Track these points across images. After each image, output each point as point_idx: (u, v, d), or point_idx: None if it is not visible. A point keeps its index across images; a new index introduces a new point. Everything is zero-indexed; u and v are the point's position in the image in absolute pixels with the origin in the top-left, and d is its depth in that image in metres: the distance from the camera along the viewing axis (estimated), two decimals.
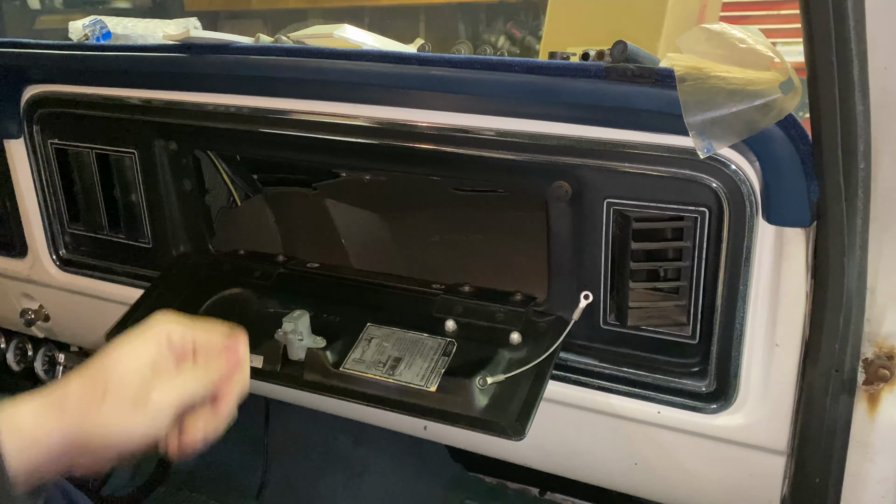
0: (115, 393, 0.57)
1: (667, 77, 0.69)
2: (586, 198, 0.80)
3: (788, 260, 0.73)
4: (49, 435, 0.56)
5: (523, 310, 0.88)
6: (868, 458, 0.73)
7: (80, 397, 0.58)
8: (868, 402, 0.72)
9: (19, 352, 1.43)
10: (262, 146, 0.98)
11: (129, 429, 0.58)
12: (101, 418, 0.57)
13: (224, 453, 1.67)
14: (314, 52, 0.86)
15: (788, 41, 2.48)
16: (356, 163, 1.05)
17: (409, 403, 0.82)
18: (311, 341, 0.87)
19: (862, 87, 0.61)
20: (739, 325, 0.77)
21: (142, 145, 1.04)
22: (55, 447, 0.56)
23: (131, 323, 0.97)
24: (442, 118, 0.83)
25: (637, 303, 0.82)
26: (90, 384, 0.58)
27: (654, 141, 0.75)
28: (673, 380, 0.82)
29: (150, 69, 0.97)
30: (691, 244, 0.78)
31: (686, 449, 0.84)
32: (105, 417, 0.57)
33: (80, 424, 0.57)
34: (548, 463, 0.97)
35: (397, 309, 0.93)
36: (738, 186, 0.72)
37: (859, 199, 0.65)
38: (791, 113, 0.67)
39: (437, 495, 1.50)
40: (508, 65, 0.76)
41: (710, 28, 0.76)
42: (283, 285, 1.00)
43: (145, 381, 0.59)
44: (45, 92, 1.08)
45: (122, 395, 0.57)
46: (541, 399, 0.78)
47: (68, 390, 0.58)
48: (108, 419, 0.57)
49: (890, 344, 0.71)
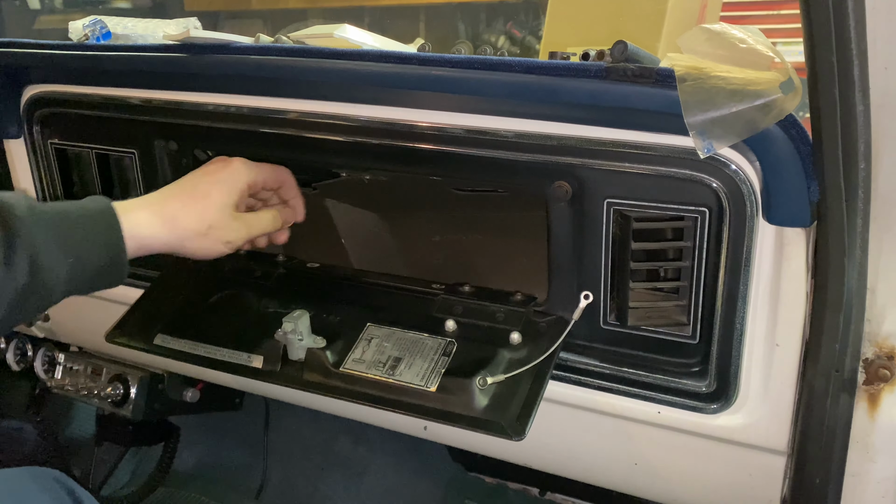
0: (207, 231, 0.81)
1: (667, 77, 0.69)
2: (586, 198, 0.80)
3: (788, 260, 0.73)
4: (155, 242, 0.79)
5: (523, 310, 0.88)
6: (868, 458, 0.73)
7: (182, 225, 0.80)
8: (868, 402, 0.72)
9: (19, 352, 1.43)
10: (262, 146, 0.98)
11: (215, 253, 0.83)
12: (195, 245, 0.81)
13: (224, 453, 1.68)
14: (314, 52, 0.86)
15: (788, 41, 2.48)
16: (356, 163, 1.05)
17: (409, 403, 0.82)
18: (311, 341, 0.87)
19: (862, 87, 0.61)
20: (740, 326, 0.77)
21: (142, 145, 1.04)
22: (156, 250, 0.79)
23: (131, 323, 0.97)
24: (442, 118, 0.83)
25: (637, 303, 0.82)
26: (190, 217, 0.80)
27: (654, 141, 0.75)
28: (673, 380, 0.82)
29: (150, 69, 0.97)
30: (691, 244, 0.78)
31: (686, 449, 0.84)
32: (198, 246, 0.81)
33: (180, 243, 0.80)
34: (548, 463, 0.97)
35: (397, 309, 0.93)
36: (739, 186, 0.72)
37: (859, 200, 0.65)
38: (791, 113, 0.67)
39: (437, 495, 1.50)
40: (508, 65, 0.76)
41: (710, 28, 0.76)
42: (283, 285, 1.00)
43: (229, 220, 0.83)
44: (45, 92, 1.08)
45: (212, 233, 0.81)
46: (541, 399, 0.78)
47: (175, 214, 0.80)
48: (200, 247, 0.81)
49: (890, 344, 0.71)
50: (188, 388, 1.37)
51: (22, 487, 0.82)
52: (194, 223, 0.80)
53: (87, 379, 1.35)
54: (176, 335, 0.93)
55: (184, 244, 0.80)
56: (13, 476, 0.83)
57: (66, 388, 1.36)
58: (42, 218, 0.71)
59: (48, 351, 1.40)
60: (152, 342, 0.94)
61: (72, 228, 0.73)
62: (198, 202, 0.81)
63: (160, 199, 0.81)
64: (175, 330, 0.94)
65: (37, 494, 0.81)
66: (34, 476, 0.84)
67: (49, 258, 0.70)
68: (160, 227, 0.79)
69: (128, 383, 1.31)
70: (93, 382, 1.34)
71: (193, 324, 0.95)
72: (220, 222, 0.82)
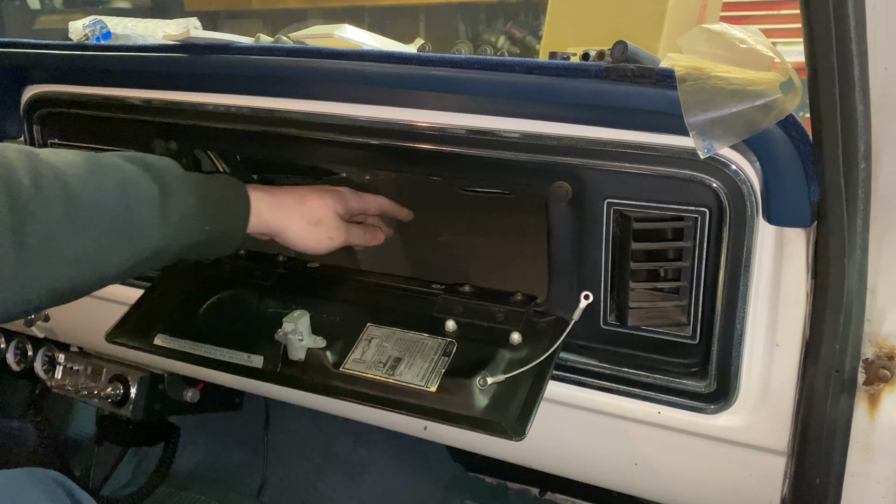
0: (316, 223, 0.89)
1: (667, 77, 0.69)
2: (587, 198, 0.80)
3: (789, 260, 0.73)
4: (261, 222, 0.85)
5: (523, 310, 0.88)
6: (868, 458, 0.73)
7: (294, 212, 0.88)
8: (868, 402, 0.72)
9: (19, 352, 1.43)
10: (262, 146, 0.98)
11: (316, 243, 0.90)
12: (298, 232, 0.88)
13: (224, 453, 1.68)
14: (314, 52, 0.86)
15: (788, 41, 2.48)
16: (356, 163, 1.05)
17: (409, 403, 0.81)
18: (311, 341, 0.87)
19: (862, 87, 0.61)
20: (740, 326, 0.77)
21: (142, 145, 1.04)
22: (259, 230, 0.86)
23: (131, 323, 0.97)
24: (442, 118, 0.83)
25: (637, 303, 0.82)
26: (302, 208, 0.88)
27: (654, 141, 0.75)
28: (673, 380, 0.82)
29: (150, 69, 0.97)
30: (692, 244, 0.78)
31: (686, 449, 0.84)
32: (301, 233, 0.88)
33: (284, 229, 0.87)
34: (548, 463, 0.97)
35: (397, 309, 0.93)
36: (739, 187, 0.72)
37: (859, 200, 0.65)
38: (791, 113, 0.67)
39: (437, 495, 1.51)
40: (508, 65, 0.76)
41: (710, 28, 0.76)
42: (283, 285, 1.00)
43: (336, 220, 0.91)
44: (45, 92, 1.08)
45: (320, 226, 0.89)
46: (541, 399, 0.78)
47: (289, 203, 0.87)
48: (303, 235, 0.88)
49: (890, 344, 0.71)
50: (188, 388, 1.37)
51: (20, 488, 0.82)
52: (305, 214, 0.88)
53: (87, 379, 1.35)
54: (176, 335, 0.93)
55: (288, 230, 0.87)
56: (11, 477, 0.83)
57: (66, 389, 1.36)
58: (189, 182, 0.80)
59: (48, 351, 1.40)
60: (152, 342, 0.94)
61: (212, 198, 0.81)
62: (312, 200, 0.90)
63: (275, 189, 0.89)
64: (175, 330, 0.94)
65: (35, 495, 0.81)
66: (32, 477, 0.84)
67: (192, 221, 0.78)
68: (274, 209, 0.86)
69: (128, 383, 1.31)
70: (93, 382, 1.34)
71: (193, 324, 0.95)
72: (328, 221, 0.90)
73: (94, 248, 0.71)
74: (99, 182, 0.72)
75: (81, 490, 0.86)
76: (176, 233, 0.77)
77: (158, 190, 0.76)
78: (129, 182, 0.74)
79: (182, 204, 0.77)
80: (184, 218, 0.77)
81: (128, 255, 0.74)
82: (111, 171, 0.74)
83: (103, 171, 0.74)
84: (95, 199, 0.71)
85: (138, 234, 0.74)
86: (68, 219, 0.69)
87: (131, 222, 0.73)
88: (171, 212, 0.76)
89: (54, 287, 0.69)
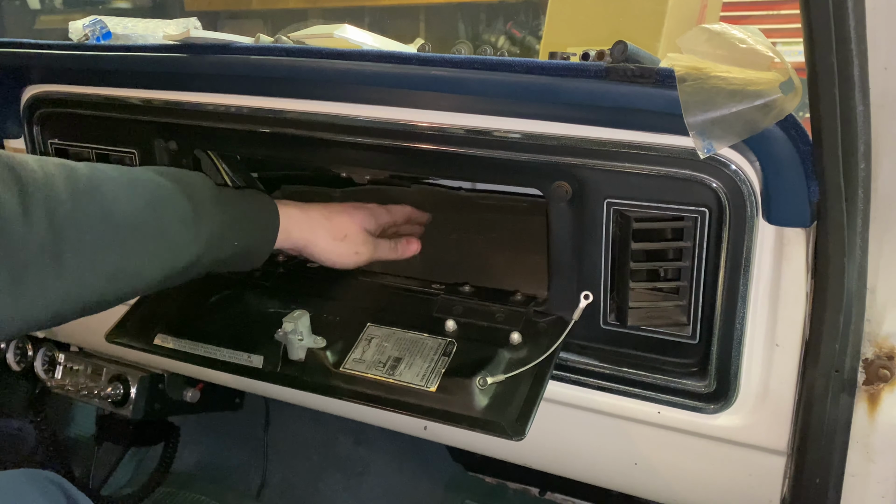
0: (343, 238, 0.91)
1: (667, 77, 0.69)
2: (586, 198, 0.80)
3: (788, 260, 0.73)
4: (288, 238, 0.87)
5: (523, 310, 0.88)
6: (868, 458, 0.73)
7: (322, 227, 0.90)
8: (868, 402, 0.72)
9: (19, 352, 1.43)
10: (262, 146, 0.98)
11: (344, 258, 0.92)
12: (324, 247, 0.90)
13: (224, 453, 1.68)
14: (314, 52, 0.86)
15: (788, 41, 2.48)
16: (356, 163, 1.05)
17: (409, 403, 0.81)
18: (311, 341, 0.87)
19: (862, 87, 0.61)
20: (739, 326, 0.77)
21: (142, 145, 1.04)
22: (287, 245, 0.88)
23: (131, 323, 0.97)
24: (442, 118, 0.83)
25: (637, 303, 0.82)
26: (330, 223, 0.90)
27: (654, 141, 0.75)
28: (673, 380, 0.82)
29: (150, 69, 0.97)
30: (691, 244, 0.78)
31: (686, 449, 0.84)
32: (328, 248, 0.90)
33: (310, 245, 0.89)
34: (548, 463, 0.97)
35: (397, 309, 0.93)
36: (739, 186, 0.72)
37: (859, 200, 0.65)
38: (791, 113, 0.67)
39: (437, 495, 1.51)
40: (508, 65, 0.76)
41: (710, 28, 0.76)
42: (283, 285, 1.00)
43: (364, 236, 0.93)
44: (45, 92, 1.08)
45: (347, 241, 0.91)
46: (541, 399, 0.78)
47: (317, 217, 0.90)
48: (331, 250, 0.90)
49: (890, 344, 0.71)
50: (188, 388, 1.37)
51: (17, 489, 0.82)
52: (331, 229, 0.90)
53: (87, 379, 1.35)
54: (176, 335, 0.93)
55: (315, 245, 0.89)
56: (7, 478, 0.83)
57: (66, 388, 1.36)
58: (220, 198, 0.81)
59: (48, 351, 1.40)
60: (152, 342, 0.94)
61: (242, 214, 0.83)
62: (339, 216, 0.91)
63: (305, 205, 0.90)
64: (175, 330, 0.94)
65: (31, 496, 0.81)
66: (29, 478, 0.84)
67: (223, 237, 0.80)
68: (302, 225, 0.88)
69: (128, 383, 1.31)
70: (93, 382, 1.34)
71: (193, 324, 0.95)
72: (355, 236, 0.92)
73: (128, 263, 0.72)
74: (134, 198, 0.73)
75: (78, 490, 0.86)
76: (207, 248, 0.78)
77: (191, 206, 0.77)
78: (162, 198, 0.75)
79: (213, 220, 0.79)
80: (214, 234, 0.79)
81: (160, 270, 0.75)
82: (145, 187, 0.75)
83: (137, 186, 0.75)
84: (130, 214, 0.72)
85: (171, 249, 0.75)
86: (104, 235, 0.70)
87: (164, 238, 0.74)
88: (202, 228, 0.77)
89: (87, 301, 0.70)
